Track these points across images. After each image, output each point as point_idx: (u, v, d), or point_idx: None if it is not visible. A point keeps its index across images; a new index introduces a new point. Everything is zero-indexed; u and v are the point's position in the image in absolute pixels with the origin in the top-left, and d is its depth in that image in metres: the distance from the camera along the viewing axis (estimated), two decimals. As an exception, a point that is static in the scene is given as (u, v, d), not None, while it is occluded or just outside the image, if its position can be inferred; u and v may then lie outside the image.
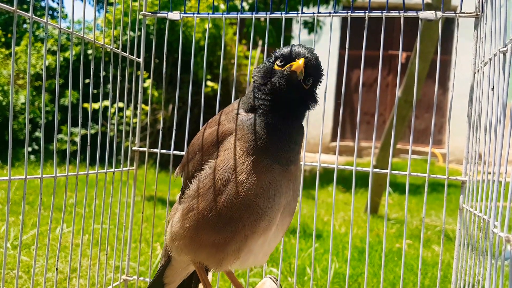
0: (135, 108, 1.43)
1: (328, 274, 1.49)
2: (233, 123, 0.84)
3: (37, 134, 5.49)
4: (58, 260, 1.08)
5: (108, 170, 1.27)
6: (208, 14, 1.28)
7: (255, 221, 0.80)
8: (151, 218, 2.06)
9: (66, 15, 9.09)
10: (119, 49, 1.28)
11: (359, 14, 1.19)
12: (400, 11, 1.14)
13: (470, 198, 1.04)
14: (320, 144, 1.14)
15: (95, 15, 1.16)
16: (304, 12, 1.20)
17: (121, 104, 4.53)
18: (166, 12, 1.32)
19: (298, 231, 1.22)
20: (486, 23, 1.03)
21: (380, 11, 1.15)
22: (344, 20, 7.10)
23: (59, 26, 1.00)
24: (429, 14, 1.12)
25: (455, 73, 1.15)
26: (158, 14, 1.33)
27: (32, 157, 5.24)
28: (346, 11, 1.19)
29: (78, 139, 1.15)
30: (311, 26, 5.88)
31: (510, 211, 0.70)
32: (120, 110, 4.82)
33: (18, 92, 5.60)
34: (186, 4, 2.62)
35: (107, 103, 4.22)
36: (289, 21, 6.46)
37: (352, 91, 7.94)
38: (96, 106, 4.34)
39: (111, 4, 5.23)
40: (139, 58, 1.38)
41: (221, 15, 1.28)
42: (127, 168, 1.36)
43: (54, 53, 5.77)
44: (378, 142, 3.90)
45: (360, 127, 8.11)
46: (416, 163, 6.51)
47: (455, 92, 1.19)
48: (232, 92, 1.28)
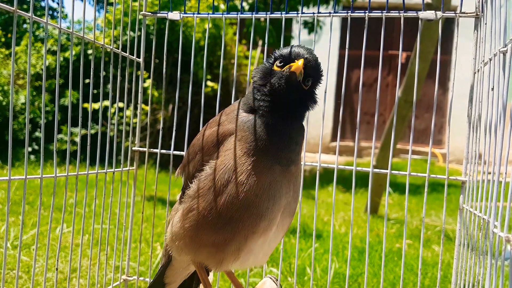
0: (135, 108, 1.43)
1: (328, 274, 1.49)
2: (233, 123, 0.84)
3: (37, 134, 5.49)
4: (58, 260, 1.08)
5: (108, 170, 1.27)
6: (208, 14, 1.28)
7: (255, 221, 0.80)
8: (151, 218, 2.06)
9: (66, 15, 9.09)
10: (119, 49, 1.28)
11: (359, 14, 1.19)
12: (400, 11, 1.14)
13: (470, 198, 1.04)
14: (320, 144, 1.14)
15: (95, 15, 1.16)
16: (304, 12, 1.20)
17: (121, 104, 4.53)
18: (166, 12, 1.32)
19: (298, 231, 1.22)
20: (486, 23, 1.03)
21: (380, 11, 1.15)
22: (344, 20, 7.10)
23: (59, 26, 1.00)
24: (429, 14, 1.12)
25: (455, 73, 1.16)
26: (158, 14, 1.33)
27: (32, 157, 5.24)
28: (346, 11, 1.19)
29: (78, 139, 1.15)
30: (311, 26, 5.88)
31: (510, 211, 0.70)
32: (120, 110, 4.82)
33: (18, 92, 5.60)
34: (186, 4, 2.62)
35: (107, 103, 4.22)
36: (289, 21, 6.46)
37: (352, 91, 7.94)
38: (96, 106, 4.34)
39: (111, 4, 5.23)
40: (139, 58, 1.38)
41: (221, 15, 1.28)
42: (127, 168, 1.36)
43: (54, 53, 5.77)
44: (378, 142, 3.90)
45: (360, 127, 8.11)
46: (416, 163, 6.51)
47: (455, 92, 1.19)
48: (232, 92, 1.28)
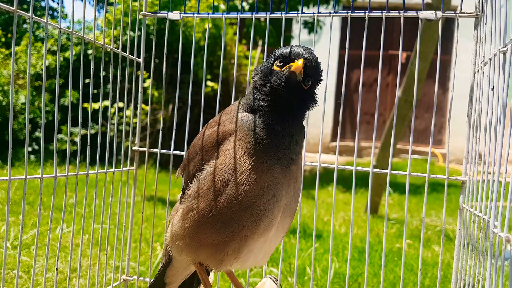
0: (135, 108, 1.43)
1: (328, 274, 1.49)
2: (233, 123, 0.84)
3: (37, 134, 5.49)
4: (58, 260, 1.08)
5: (108, 170, 1.27)
6: (208, 14, 1.28)
7: (255, 221, 0.80)
8: (151, 218, 2.06)
9: (66, 15, 9.09)
10: (119, 49, 1.28)
11: (359, 14, 1.19)
12: (400, 11, 1.14)
13: (470, 198, 1.04)
14: (320, 144, 1.14)
15: (95, 15, 1.16)
16: (304, 12, 1.20)
17: (121, 104, 4.53)
18: (166, 12, 1.32)
19: (298, 231, 1.22)
20: (486, 23, 1.03)
21: (380, 11, 1.15)
22: (344, 20, 7.10)
23: (59, 26, 1.00)
24: (429, 14, 1.12)
25: (455, 73, 1.16)
26: (158, 14, 1.33)
27: (32, 157, 5.24)
28: (346, 11, 1.19)
29: (78, 139, 1.15)
30: (311, 26, 5.89)
31: (510, 211, 0.70)
32: (120, 110, 4.82)
33: (18, 92, 5.60)
34: (186, 4, 2.62)
35: (107, 103, 4.23)
36: (289, 21, 6.47)
37: (352, 91, 7.94)
38: (96, 106, 4.34)
39: (111, 4, 5.23)
40: (139, 58, 1.38)
41: (221, 15, 1.28)
42: (127, 168, 1.36)
43: (54, 53, 5.77)
44: (378, 142, 3.90)
45: (360, 127, 8.11)
46: (416, 163, 6.51)
47: (455, 92, 1.19)
48: (232, 92, 1.28)
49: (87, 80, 4.28)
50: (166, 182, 3.51)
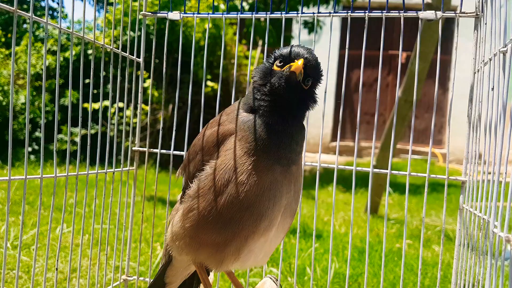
0: (135, 108, 1.43)
1: (328, 274, 1.49)
2: (234, 123, 0.84)
3: (37, 134, 5.49)
4: (58, 260, 1.08)
5: (108, 170, 1.27)
6: (208, 14, 1.28)
7: (255, 221, 0.80)
8: (151, 218, 2.06)
9: (66, 15, 9.09)
10: (119, 49, 1.28)
11: (359, 14, 1.19)
12: (400, 11, 1.14)
13: (470, 198, 1.04)
14: (320, 144, 1.14)
15: (95, 15, 1.16)
16: (304, 12, 1.20)
17: (121, 104, 4.53)
18: (166, 12, 1.32)
19: (298, 231, 1.22)
20: (486, 23, 1.03)
21: (380, 11, 1.15)
22: (344, 20, 7.10)
23: (59, 26, 1.00)
24: (429, 14, 1.12)
25: (455, 73, 1.16)
26: (158, 14, 1.33)
27: (32, 157, 5.24)
28: (346, 11, 1.19)
29: (78, 139, 1.15)
30: (311, 26, 5.89)
31: (510, 211, 0.70)
32: (120, 110, 4.82)
33: (18, 92, 5.60)
34: (186, 4, 2.62)
35: (107, 103, 4.23)
36: (289, 21, 6.47)
37: (352, 91, 7.94)
38: (96, 106, 4.34)
39: (111, 4, 5.23)
40: (139, 58, 1.38)
41: (221, 15, 1.28)
42: (127, 168, 1.36)
43: (54, 53, 5.77)
44: (378, 142, 3.90)
45: (360, 127, 8.11)
46: (416, 163, 6.51)
47: (455, 92, 1.19)
48: (232, 92, 1.28)
49: (87, 80, 4.29)
50: (166, 182, 3.51)
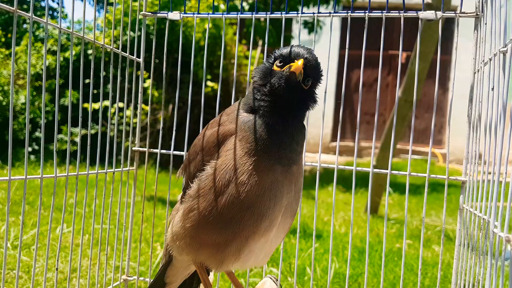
0: (135, 108, 1.43)
1: (328, 274, 1.49)
2: (234, 123, 0.84)
3: (37, 134, 5.49)
4: (58, 260, 1.08)
5: (108, 170, 1.27)
6: (208, 14, 1.28)
7: (256, 221, 0.80)
8: (151, 218, 2.06)
9: (66, 15, 9.10)
10: (119, 49, 1.28)
11: (359, 14, 1.19)
12: (400, 11, 1.14)
13: (470, 198, 1.04)
14: (320, 144, 1.14)
15: (95, 15, 1.16)
16: (304, 12, 1.20)
17: (121, 104, 4.53)
18: (166, 12, 1.32)
19: (298, 231, 1.22)
20: (486, 23, 1.03)
21: (380, 11, 1.15)
22: (344, 20, 7.10)
23: (59, 26, 1.00)
24: (429, 14, 1.13)
25: (455, 73, 1.16)
26: (158, 14, 1.33)
27: (32, 157, 5.24)
28: (346, 11, 1.19)
29: (78, 139, 1.15)
30: (311, 26, 5.89)
31: (510, 211, 0.70)
32: (120, 110, 4.82)
33: (18, 92, 5.60)
34: (186, 4, 2.62)
35: (107, 103, 4.23)
36: (289, 21, 6.47)
37: (352, 91, 7.94)
38: (96, 106, 4.34)
39: (111, 4, 5.23)
40: (139, 58, 1.38)
41: (221, 15, 1.28)
42: (127, 168, 1.36)
43: (54, 53, 5.77)
44: (378, 142, 3.90)
45: (360, 127, 8.11)
46: (416, 163, 6.51)
47: (455, 92, 1.19)
48: (232, 92, 1.28)
49: (87, 80, 4.28)
50: (166, 182, 3.51)
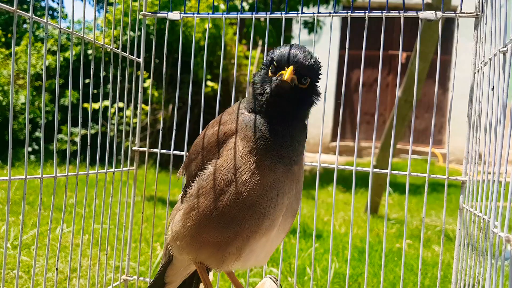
0: (135, 108, 1.43)
1: (328, 274, 1.49)
2: (236, 123, 0.84)
3: (37, 134, 5.49)
4: (58, 260, 1.08)
5: (108, 170, 1.27)
6: (208, 14, 1.28)
7: (257, 221, 0.80)
8: (151, 218, 2.06)
9: (66, 15, 9.10)
10: (119, 49, 1.28)
11: (359, 14, 1.19)
12: (400, 11, 1.14)
13: (470, 198, 1.04)
14: (320, 144, 1.14)
15: (95, 15, 1.16)
16: (304, 12, 1.20)
17: (121, 104, 4.53)
18: (166, 12, 1.32)
19: (298, 231, 1.22)
20: (486, 23, 1.03)
21: (380, 11, 1.15)
22: (344, 20, 7.10)
23: (59, 26, 1.00)
24: (429, 14, 1.12)
25: (455, 73, 1.15)
26: (158, 14, 1.33)
27: (32, 157, 5.24)
28: (346, 11, 1.19)
29: (78, 139, 1.15)
30: (311, 26, 5.89)
31: (510, 211, 0.70)
32: (120, 110, 4.82)
33: (18, 92, 5.60)
34: (186, 4, 2.62)
35: (107, 103, 4.23)
36: (289, 21, 6.46)
37: (352, 91, 7.94)
38: (96, 106, 4.34)
39: (111, 4, 5.23)
40: (139, 58, 1.38)
41: (221, 15, 1.28)
42: (127, 168, 1.36)
43: (54, 53, 5.77)
44: (378, 142, 3.90)
45: (360, 127, 8.11)
46: (416, 163, 6.51)
47: (455, 92, 1.19)
48: (232, 92, 1.28)
49: (87, 80, 4.28)
50: (166, 182, 3.51)
